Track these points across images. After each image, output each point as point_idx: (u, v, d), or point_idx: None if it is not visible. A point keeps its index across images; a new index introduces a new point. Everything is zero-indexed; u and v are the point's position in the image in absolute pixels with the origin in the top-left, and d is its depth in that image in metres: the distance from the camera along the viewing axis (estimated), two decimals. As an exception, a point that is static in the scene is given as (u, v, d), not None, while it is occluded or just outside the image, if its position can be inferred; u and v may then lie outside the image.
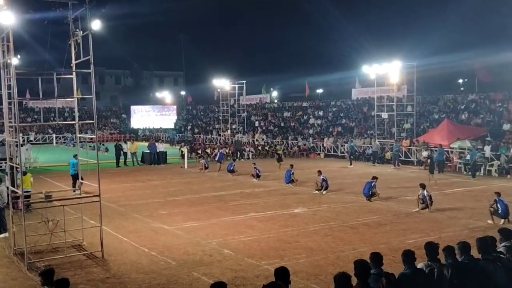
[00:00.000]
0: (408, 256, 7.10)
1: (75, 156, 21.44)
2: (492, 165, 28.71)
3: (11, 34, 12.49)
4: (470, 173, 27.83)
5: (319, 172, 23.06)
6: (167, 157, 37.16)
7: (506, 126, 34.10)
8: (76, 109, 15.18)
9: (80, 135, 16.14)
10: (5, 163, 17.60)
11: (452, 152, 31.70)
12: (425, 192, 18.08)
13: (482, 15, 66.00)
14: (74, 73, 13.45)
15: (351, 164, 34.18)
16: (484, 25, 63.16)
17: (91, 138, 41.23)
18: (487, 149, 30.25)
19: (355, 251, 12.69)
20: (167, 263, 12.25)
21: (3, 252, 13.61)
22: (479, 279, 6.96)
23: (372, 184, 20.34)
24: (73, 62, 13.29)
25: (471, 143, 31.99)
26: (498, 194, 16.27)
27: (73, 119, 15.90)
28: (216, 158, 32.49)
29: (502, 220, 15.63)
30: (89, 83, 13.09)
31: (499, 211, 15.83)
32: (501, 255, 7.76)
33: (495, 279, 7.02)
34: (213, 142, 50.70)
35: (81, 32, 12.93)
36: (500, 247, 8.31)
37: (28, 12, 12.96)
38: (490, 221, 15.84)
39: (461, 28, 64.01)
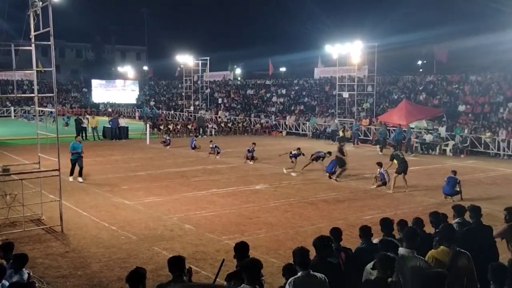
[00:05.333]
0: (365, 232, 7.26)
1: (77, 138, 21.16)
2: (447, 145, 29.48)
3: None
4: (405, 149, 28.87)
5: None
6: (129, 132, 36.69)
7: (461, 108, 35.01)
8: (35, 82, 14.77)
9: (40, 109, 15.73)
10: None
11: (411, 132, 32.36)
12: (382, 170, 18.45)
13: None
14: (33, 45, 13.02)
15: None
16: (444, 8, 64.13)
17: (51, 112, 40.24)
18: (443, 129, 31.03)
19: (313, 226, 12.90)
20: (127, 238, 12.18)
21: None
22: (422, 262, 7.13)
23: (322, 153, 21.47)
24: (32, 33, 12.85)
25: (428, 123, 32.78)
26: (454, 172, 16.70)
27: (32, 92, 15.47)
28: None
29: (448, 197, 16.13)
30: (49, 56, 12.73)
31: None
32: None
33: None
34: (175, 118, 50.27)
35: (41, 2, 12.49)
36: (453, 223, 8.58)
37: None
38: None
39: (421, 9, 64.91)
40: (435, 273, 5.59)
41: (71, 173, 19.28)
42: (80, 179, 19.16)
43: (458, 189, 16.20)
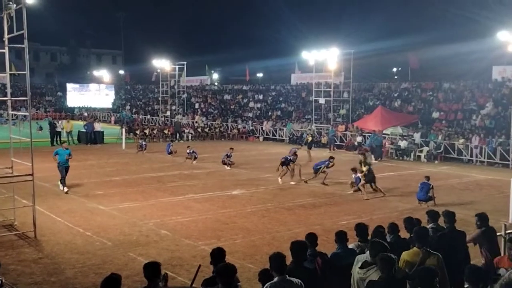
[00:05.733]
0: (341, 237, 7.30)
1: (64, 144, 19.94)
2: (421, 151, 29.87)
3: None
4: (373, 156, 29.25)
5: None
6: (105, 137, 36.34)
7: (435, 114, 35.53)
8: (8, 85, 14.50)
9: (13, 112, 15.49)
10: None
11: (384, 138, 32.73)
12: (358, 175, 18.61)
13: (417, 5, 68.02)
14: (6, 48, 12.82)
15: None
16: (419, 16, 65.17)
17: (24, 116, 39.59)
18: (417, 135, 31.44)
19: (290, 231, 12.93)
20: (102, 244, 12.05)
21: None
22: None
23: (327, 162, 20.74)
24: (6, 36, 12.65)
25: (403, 129, 33.20)
26: (428, 178, 16.93)
27: (5, 96, 15.22)
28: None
29: (422, 203, 16.33)
30: (23, 59, 12.55)
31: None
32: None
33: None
34: (151, 123, 49.95)
35: (15, 5, 12.31)
36: (427, 228, 8.71)
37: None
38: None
39: (396, 18, 65.79)
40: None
41: (62, 181, 18.36)
42: (62, 188, 18.26)
43: (430, 195, 16.42)
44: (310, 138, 31.78)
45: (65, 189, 17.98)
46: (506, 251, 5.97)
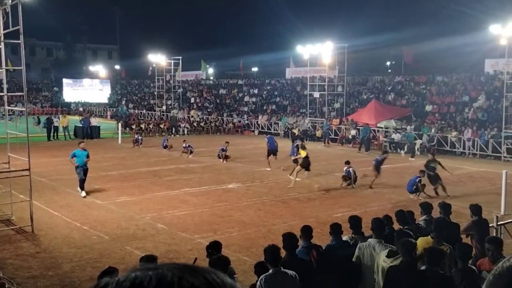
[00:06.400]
0: (335, 229, 7.35)
1: (81, 144, 17.08)
2: (414, 144, 29.92)
3: None
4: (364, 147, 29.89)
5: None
6: (101, 132, 36.26)
7: (428, 107, 35.60)
8: (4, 81, 14.47)
9: (10, 107, 15.42)
10: None
11: (378, 131, 32.80)
12: (350, 168, 18.63)
13: None
14: (2, 43, 12.76)
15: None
16: (412, 10, 65.13)
17: (21, 111, 39.44)
18: (411, 128, 31.51)
19: (285, 224, 12.96)
20: (99, 238, 12.06)
21: None
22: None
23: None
24: (1, 31, 12.58)
25: (396, 123, 33.26)
26: (423, 172, 16.95)
27: (1, 91, 15.16)
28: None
29: (413, 195, 16.44)
30: (19, 54, 12.48)
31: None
32: (420, 226, 8.22)
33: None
34: (147, 118, 49.85)
35: (10, 0, 12.25)
36: (420, 220, 8.79)
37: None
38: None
39: (390, 11, 65.79)
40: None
41: (81, 186, 16.60)
42: (81, 192, 16.45)
43: (415, 187, 16.47)
44: (296, 132, 31.94)
45: (83, 193, 16.38)
46: (486, 252, 6.03)
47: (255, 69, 74.97)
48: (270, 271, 5.81)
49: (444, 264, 6.42)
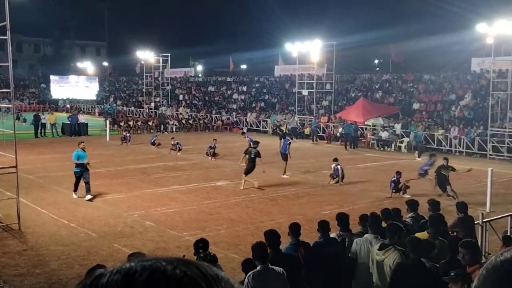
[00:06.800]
0: (323, 226, 7.38)
1: (81, 145, 16.22)
2: (402, 142, 30.12)
3: None
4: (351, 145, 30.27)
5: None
6: (89, 129, 36.05)
7: (415, 105, 35.84)
8: (-9, 77, 14.38)
9: (-4, 104, 15.30)
10: None
11: (366, 129, 32.95)
12: (338, 166, 18.68)
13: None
14: (-12, 39, 12.66)
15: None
16: (400, 8, 65.36)
17: (8, 108, 39.11)
18: (398, 126, 31.69)
19: (273, 221, 12.98)
20: (87, 235, 12.01)
21: None
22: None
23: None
24: (-12, 27, 12.48)
25: (384, 121, 33.43)
26: (399, 173, 17.01)
27: (-12, 88, 14.97)
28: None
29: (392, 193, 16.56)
30: (6, 50, 12.37)
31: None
32: (406, 223, 8.29)
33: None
34: (136, 115, 49.63)
35: (-3, -4, 12.14)
36: (407, 217, 8.86)
37: None
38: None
39: (378, 10, 66.05)
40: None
41: (75, 189, 15.85)
42: (88, 196, 15.51)
43: (393, 185, 16.61)
44: (283, 129, 32.04)
45: (75, 196, 15.73)
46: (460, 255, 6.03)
47: (243, 66, 74.88)
48: (258, 267, 5.83)
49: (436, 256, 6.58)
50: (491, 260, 0.92)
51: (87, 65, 74.72)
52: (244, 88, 51.49)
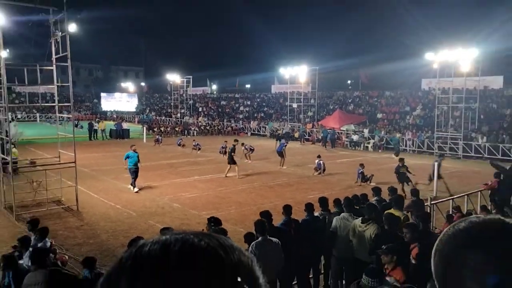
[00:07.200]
0: (309, 207, 7.39)
1: (133, 147, 15.28)
2: (369, 143, 30.07)
3: (0, 32, 11.53)
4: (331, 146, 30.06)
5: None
6: (130, 133, 36.08)
7: (379, 115, 35.78)
8: (56, 94, 14.35)
9: (59, 115, 15.32)
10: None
11: (341, 133, 32.89)
12: (320, 161, 18.67)
13: (365, 32, 68.29)
14: (54, 66, 12.67)
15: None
16: (366, 41, 65.42)
17: (68, 117, 39.10)
18: (366, 131, 31.64)
19: (271, 203, 12.97)
20: (129, 214, 12.02)
21: (-5, 206, 12.81)
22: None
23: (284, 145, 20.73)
24: (54, 56, 12.49)
25: (355, 126, 33.37)
26: (362, 165, 17.06)
27: (54, 102, 14.97)
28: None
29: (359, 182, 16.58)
30: (67, 74, 12.40)
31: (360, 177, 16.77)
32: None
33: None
34: (166, 122, 49.59)
35: (60, 32, 12.16)
36: (373, 200, 8.83)
37: (15, 14, 11.99)
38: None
39: (349, 42, 66.04)
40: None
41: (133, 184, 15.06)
42: (133, 188, 14.94)
43: (360, 174, 16.65)
44: (280, 133, 31.98)
45: (135, 189, 14.93)
46: (405, 236, 5.87)
47: (248, 85, 74.72)
48: (259, 238, 5.82)
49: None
50: (450, 226, 0.91)
51: (129, 85, 74.70)
52: (248, 102, 51.42)
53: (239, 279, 0.63)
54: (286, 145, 21.00)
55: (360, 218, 6.66)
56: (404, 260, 5.28)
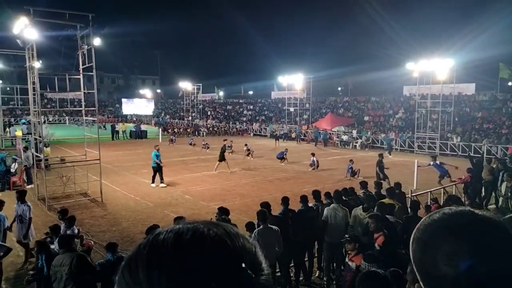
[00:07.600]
0: (304, 199, 7.38)
1: (156, 147, 15.34)
2: (357, 142, 30.00)
3: (34, 45, 11.60)
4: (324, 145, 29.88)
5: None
6: (147, 134, 36.12)
7: (366, 118, 35.68)
8: (82, 100, 14.39)
9: (86, 118, 15.36)
10: (31, 136, 16.52)
11: (332, 133, 32.83)
12: (314, 158, 18.63)
13: (353, 45, 68.12)
14: (81, 75, 12.71)
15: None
16: (354, 52, 65.26)
17: (94, 120, 39.13)
18: (354, 132, 31.57)
19: (271, 196, 12.94)
20: (146, 205, 12.04)
21: (30, 198, 12.82)
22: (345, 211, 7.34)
23: (284, 152, 20.89)
24: (81, 67, 12.52)
25: (345, 128, 33.29)
26: (351, 161, 17.02)
27: (81, 107, 14.97)
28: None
29: (349, 176, 16.52)
30: (92, 82, 12.44)
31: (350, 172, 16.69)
32: (359, 197, 8.25)
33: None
34: (179, 124, 49.60)
35: (86, 46, 12.19)
36: (360, 193, 8.81)
37: (47, 30, 12.02)
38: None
39: (339, 54, 66.01)
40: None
41: (153, 181, 14.86)
42: (159, 184, 14.72)
43: (350, 171, 16.57)
44: (278, 133, 31.94)
45: (162, 184, 14.71)
46: (370, 227, 5.69)
47: (251, 92, 74.64)
48: (261, 226, 5.82)
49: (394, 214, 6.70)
50: (427, 215, 0.91)
51: (146, 92, 74.69)
52: (251, 107, 51.38)
53: (243, 265, 0.63)
54: (285, 154, 21.00)
55: (361, 207, 6.69)
56: (391, 235, 5.39)
